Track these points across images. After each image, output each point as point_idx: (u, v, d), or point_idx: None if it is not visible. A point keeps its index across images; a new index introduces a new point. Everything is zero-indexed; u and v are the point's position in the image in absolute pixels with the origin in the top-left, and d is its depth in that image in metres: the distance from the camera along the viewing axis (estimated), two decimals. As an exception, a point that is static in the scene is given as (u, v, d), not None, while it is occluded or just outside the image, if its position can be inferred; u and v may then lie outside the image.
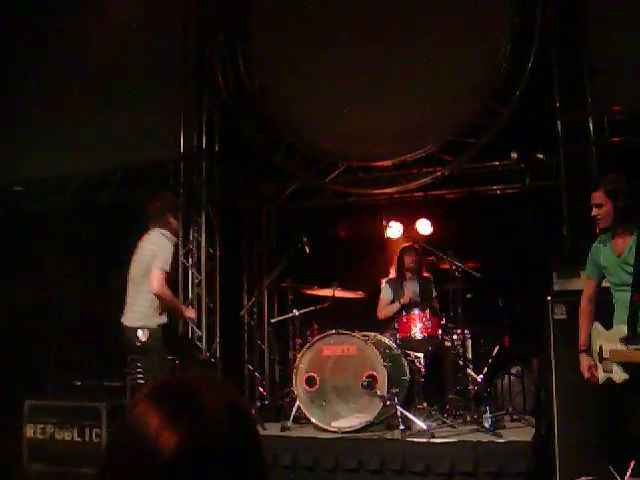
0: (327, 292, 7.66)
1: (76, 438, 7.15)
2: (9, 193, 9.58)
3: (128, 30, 8.90)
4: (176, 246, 6.88)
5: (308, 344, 6.99)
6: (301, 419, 6.88)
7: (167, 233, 6.29)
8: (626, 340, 4.61)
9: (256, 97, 8.89)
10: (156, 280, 6.03)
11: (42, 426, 7.22)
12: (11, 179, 9.48)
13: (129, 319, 6.20)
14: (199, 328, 8.27)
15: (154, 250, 6.16)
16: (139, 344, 6.09)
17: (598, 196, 4.82)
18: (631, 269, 4.68)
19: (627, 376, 4.61)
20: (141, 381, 6.26)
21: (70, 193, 9.24)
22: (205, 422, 1.19)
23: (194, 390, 1.25)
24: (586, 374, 4.97)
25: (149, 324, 6.12)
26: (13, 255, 9.08)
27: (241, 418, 1.27)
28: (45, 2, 9.42)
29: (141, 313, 6.16)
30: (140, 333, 6.07)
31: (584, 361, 5.00)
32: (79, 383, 8.06)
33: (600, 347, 4.88)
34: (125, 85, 8.83)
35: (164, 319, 6.22)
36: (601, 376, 4.87)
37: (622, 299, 4.74)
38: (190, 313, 6.84)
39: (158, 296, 6.09)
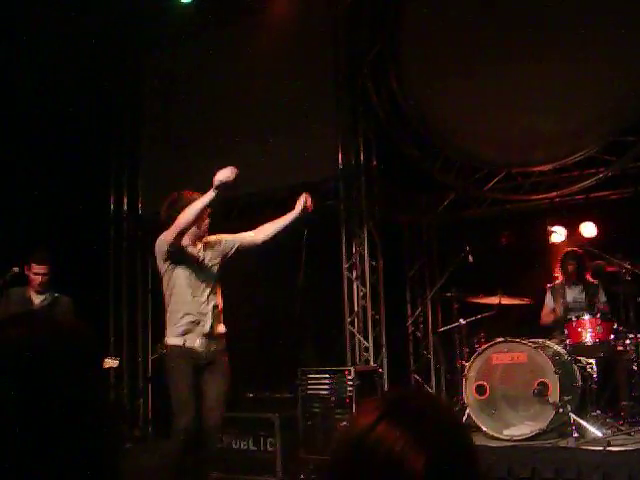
0: (493, 300, 7.63)
1: (252, 447, 7.48)
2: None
3: (281, 55, 9.25)
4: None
5: (477, 352, 6.99)
6: (471, 427, 6.86)
7: None
8: None
9: (410, 113, 9.00)
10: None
11: (220, 436, 7.58)
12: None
13: None
14: (366, 339, 8.44)
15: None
16: None
17: None
18: None
19: None
20: None
21: (234, 215, 9.64)
22: (447, 441, 1.23)
23: (429, 408, 1.28)
24: None
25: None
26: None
27: (466, 432, 1.33)
28: (199, 35, 9.93)
29: None
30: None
31: None
32: (251, 395, 8.38)
33: None
34: (282, 109, 9.16)
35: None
36: None
37: None
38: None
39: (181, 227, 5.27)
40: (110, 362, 7.00)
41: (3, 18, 8.19)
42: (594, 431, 6.23)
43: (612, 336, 6.88)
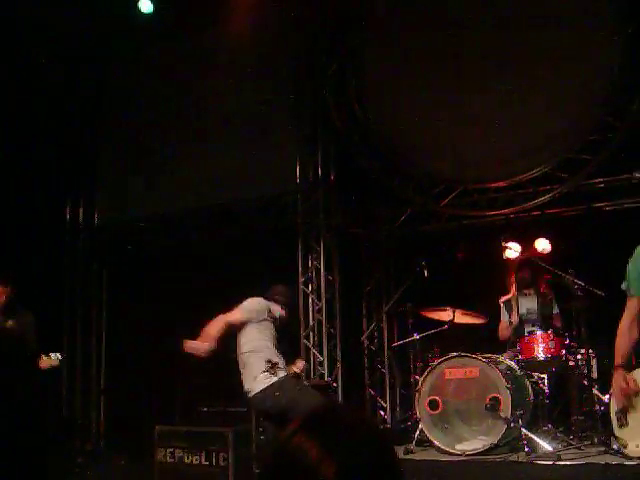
0: (446, 315, 7.64)
1: (204, 462, 7.37)
2: (136, 230, 10.04)
3: (241, 68, 9.24)
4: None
5: (430, 367, 6.99)
6: (424, 442, 6.87)
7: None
8: None
9: (369, 127, 9.04)
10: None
11: (171, 450, 7.47)
12: (137, 216, 9.95)
13: None
14: (320, 353, 8.41)
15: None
16: None
17: None
18: None
19: None
20: None
21: (193, 227, 9.61)
22: (361, 452, 1.32)
23: (344, 421, 1.38)
24: (623, 384, 4.40)
25: None
26: (142, 286, 9.53)
27: (385, 446, 1.39)
28: (159, 49, 9.92)
29: None
30: None
31: (619, 376, 4.43)
32: (205, 409, 8.30)
33: None
34: (241, 122, 9.16)
35: None
36: None
37: None
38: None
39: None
40: (49, 360, 6.42)
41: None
42: (545, 445, 6.25)
43: (564, 351, 6.92)
